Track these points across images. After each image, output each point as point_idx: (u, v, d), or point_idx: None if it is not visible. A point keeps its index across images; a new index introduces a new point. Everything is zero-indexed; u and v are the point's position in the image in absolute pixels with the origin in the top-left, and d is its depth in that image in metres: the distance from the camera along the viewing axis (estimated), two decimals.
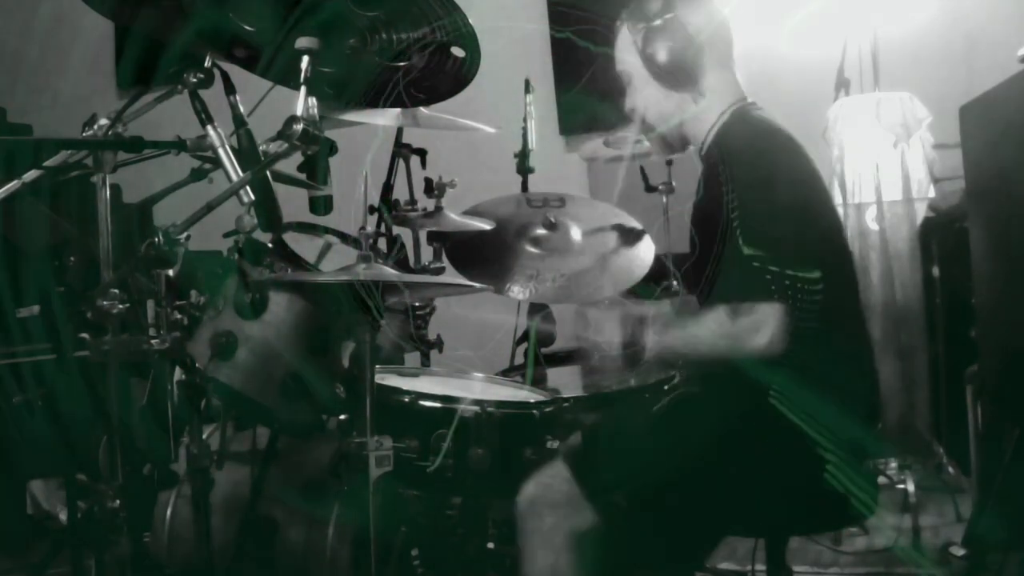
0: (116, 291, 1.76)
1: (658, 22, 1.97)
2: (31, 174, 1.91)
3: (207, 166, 2.13)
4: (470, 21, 2.02)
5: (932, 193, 3.61)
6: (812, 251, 1.84)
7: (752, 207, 1.85)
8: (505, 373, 2.78)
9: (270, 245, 2.25)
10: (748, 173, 1.89)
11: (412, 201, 2.98)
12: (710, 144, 2.02)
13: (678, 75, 1.99)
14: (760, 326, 1.80)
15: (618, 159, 3.31)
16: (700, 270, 1.99)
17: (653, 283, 2.77)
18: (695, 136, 2.06)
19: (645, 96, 2.05)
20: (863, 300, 2.06)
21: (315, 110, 1.93)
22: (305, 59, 1.94)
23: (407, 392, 2.23)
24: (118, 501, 1.79)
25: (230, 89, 1.98)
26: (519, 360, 2.99)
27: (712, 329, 1.88)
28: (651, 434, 1.94)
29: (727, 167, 1.92)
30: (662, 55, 1.97)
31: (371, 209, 2.93)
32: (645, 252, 2.68)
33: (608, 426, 2.05)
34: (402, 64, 2.08)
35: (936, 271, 3.64)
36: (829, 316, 1.84)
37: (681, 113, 2.03)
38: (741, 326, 1.82)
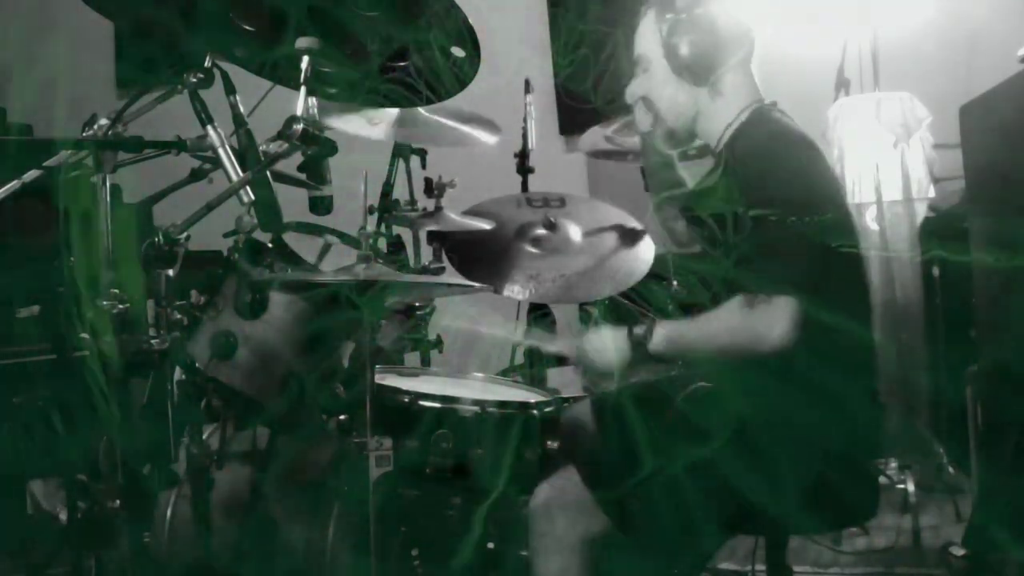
0: (116, 291, 1.77)
1: (685, 15, 1.95)
2: (31, 174, 1.91)
3: (207, 166, 2.13)
4: (470, 21, 2.03)
5: (932, 193, 3.61)
6: (819, 253, 1.82)
7: (765, 206, 1.82)
8: (505, 373, 2.78)
9: (270, 245, 2.25)
10: (764, 172, 1.88)
11: (412, 201, 2.97)
12: (726, 142, 2.01)
13: (698, 70, 1.97)
14: (776, 319, 1.78)
15: (620, 154, 3.31)
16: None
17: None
18: (709, 133, 2.04)
19: (660, 86, 2.03)
20: (873, 302, 2.05)
21: (315, 110, 1.93)
22: (305, 59, 1.94)
23: (407, 392, 2.23)
24: (118, 501, 1.80)
25: (230, 89, 1.99)
26: (519, 360, 2.98)
27: (727, 322, 1.86)
28: (659, 431, 1.92)
29: (743, 165, 1.91)
30: (685, 48, 1.95)
31: (371, 209, 2.92)
32: (645, 252, 2.67)
33: (613, 428, 2.00)
34: (402, 64, 2.08)
35: (936, 271, 3.63)
36: (837, 316, 1.83)
37: (694, 108, 2.02)
38: (757, 318, 1.80)
